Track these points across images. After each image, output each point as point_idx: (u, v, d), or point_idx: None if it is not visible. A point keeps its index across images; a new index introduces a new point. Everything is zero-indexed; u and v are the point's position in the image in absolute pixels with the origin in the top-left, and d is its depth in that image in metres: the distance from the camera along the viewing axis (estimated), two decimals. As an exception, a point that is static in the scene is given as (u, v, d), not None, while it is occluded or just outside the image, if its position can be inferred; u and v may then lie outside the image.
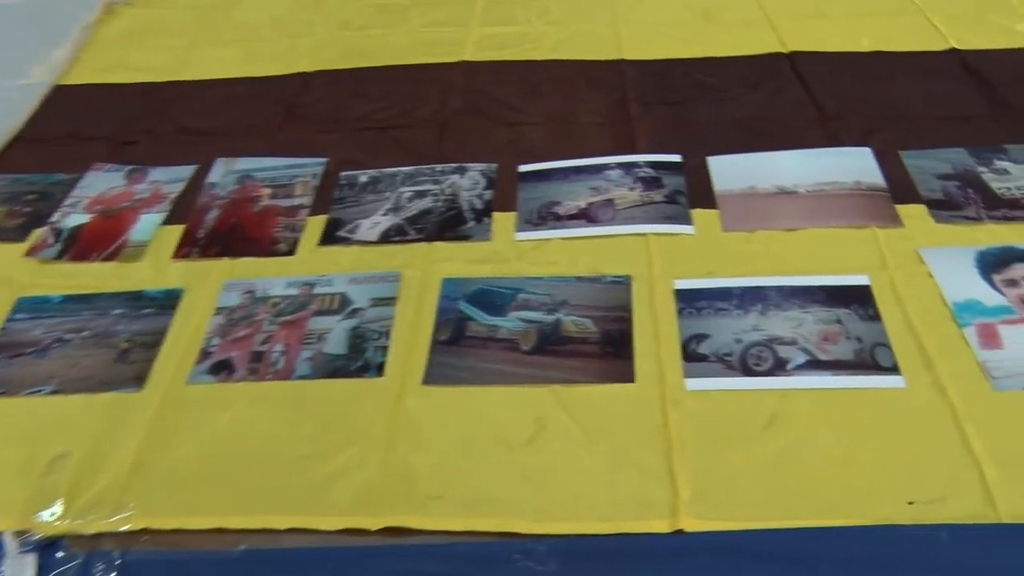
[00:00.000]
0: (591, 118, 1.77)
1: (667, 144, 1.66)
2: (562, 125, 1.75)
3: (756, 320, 1.29)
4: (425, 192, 1.58)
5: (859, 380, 1.20)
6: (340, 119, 1.81)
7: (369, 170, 1.65)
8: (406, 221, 1.53)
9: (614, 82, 1.87)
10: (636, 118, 1.75)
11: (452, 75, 1.92)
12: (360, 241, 1.49)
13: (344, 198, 1.59)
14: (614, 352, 1.26)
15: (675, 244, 1.44)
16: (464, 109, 1.81)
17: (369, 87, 1.90)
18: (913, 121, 1.71)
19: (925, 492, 1.06)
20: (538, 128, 1.74)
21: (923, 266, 1.37)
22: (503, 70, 1.94)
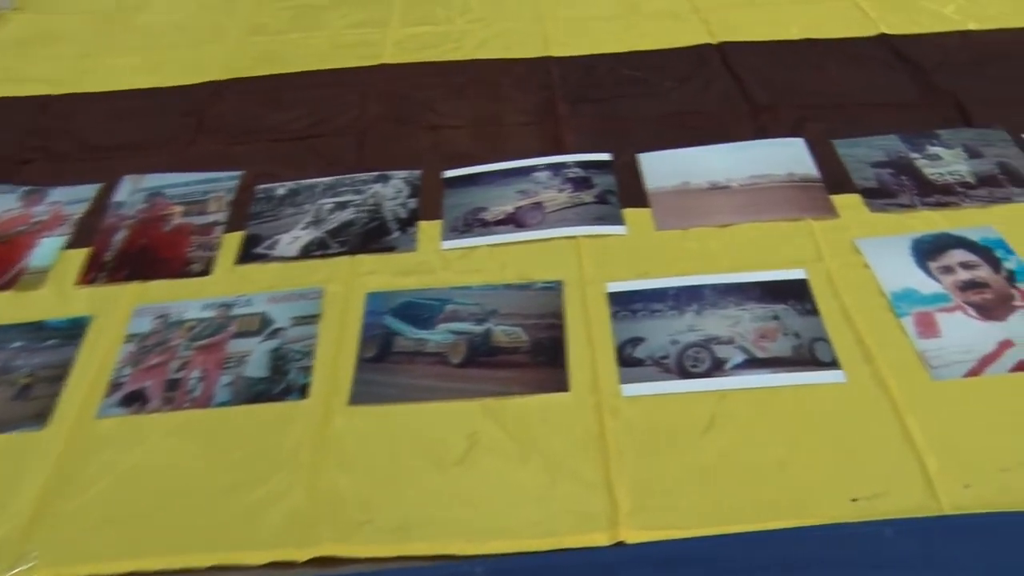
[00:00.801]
0: (517, 118, 1.77)
1: (596, 142, 1.67)
2: (488, 127, 1.75)
3: (692, 320, 1.30)
4: (346, 203, 1.57)
5: (798, 377, 1.21)
6: (255, 129, 1.78)
7: (287, 182, 1.63)
8: (327, 234, 1.51)
9: (540, 80, 1.88)
10: (564, 117, 1.76)
11: (372, 79, 1.91)
12: (279, 257, 1.47)
13: (261, 213, 1.57)
14: (547, 361, 1.26)
15: (607, 246, 1.45)
16: (385, 114, 1.80)
17: (285, 95, 1.88)
18: (845, 109, 1.75)
19: (868, 488, 1.08)
20: (463, 131, 1.75)
21: (859, 257, 1.40)
22: (425, 72, 1.94)
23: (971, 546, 1.01)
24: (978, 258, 1.38)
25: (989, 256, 1.38)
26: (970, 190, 1.52)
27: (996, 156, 1.59)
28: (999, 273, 1.35)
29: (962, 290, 1.33)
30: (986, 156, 1.59)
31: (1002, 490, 1.06)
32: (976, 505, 1.04)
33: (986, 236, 1.42)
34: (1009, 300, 1.30)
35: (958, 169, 1.57)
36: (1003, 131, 1.64)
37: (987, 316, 1.28)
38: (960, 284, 1.34)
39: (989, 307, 1.30)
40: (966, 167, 1.57)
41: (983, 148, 1.61)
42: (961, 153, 1.61)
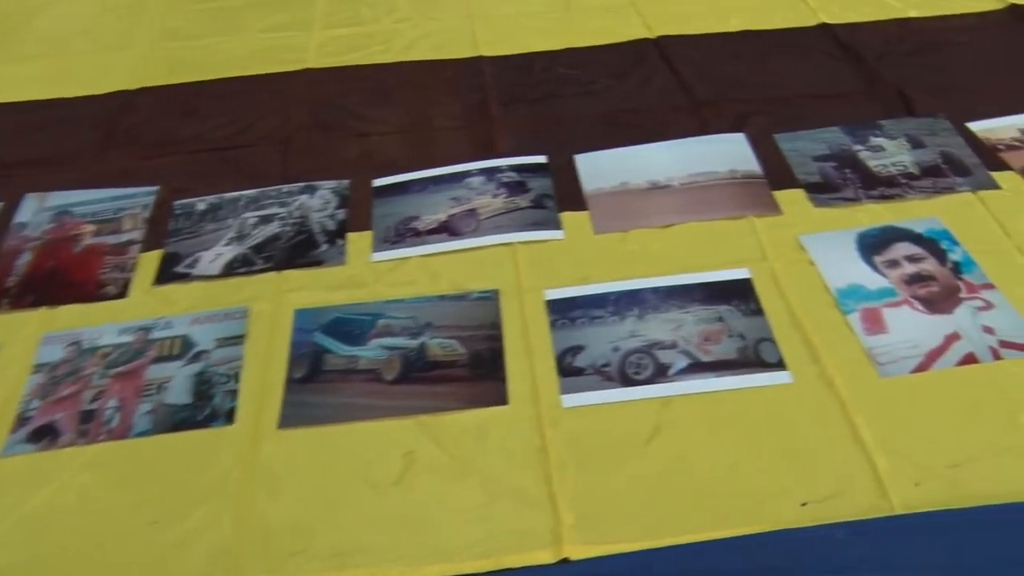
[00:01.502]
0: (449, 122, 1.79)
1: (531, 145, 1.69)
2: (418, 132, 1.76)
3: (634, 326, 1.32)
4: (271, 217, 1.56)
5: (744, 379, 1.24)
6: (171, 141, 1.77)
7: (207, 196, 1.62)
8: (252, 250, 1.50)
9: (472, 82, 1.90)
10: (497, 119, 1.78)
11: (295, 85, 1.91)
12: (201, 276, 1.46)
13: (180, 230, 1.55)
14: (485, 374, 1.27)
15: (544, 252, 1.46)
16: (310, 122, 1.80)
17: (202, 103, 1.87)
18: (787, 102, 1.80)
19: (818, 491, 1.10)
20: (392, 137, 1.75)
21: (804, 253, 1.43)
22: (351, 76, 1.94)
23: (923, 545, 1.04)
24: (923, 251, 1.43)
25: (934, 248, 1.43)
26: (914, 181, 1.57)
27: (939, 146, 1.64)
28: (945, 265, 1.40)
29: (908, 284, 1.37)
30: (929, 146, 1.64)
31: (952, 486, 1.09)
32: (927, 503, 1.08)
33: (931, 228, 1.46)
34: (955, 292, 1.35)
35: (902, 160, 1.62)
36: (945, 120, 1.70)
37: (933, 309, 1.32)
38: (906, 278, 1.38)
39: (935, 300, 1.34)
40: (909, 158, 1.62)
41: (926, 138, 1.67)
42: (904, 144, 1.66)
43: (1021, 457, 1.12)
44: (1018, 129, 1.67)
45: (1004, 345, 1.26)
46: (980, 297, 1.34)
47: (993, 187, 1.54)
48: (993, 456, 1.12)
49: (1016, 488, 1.08)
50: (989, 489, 1.08)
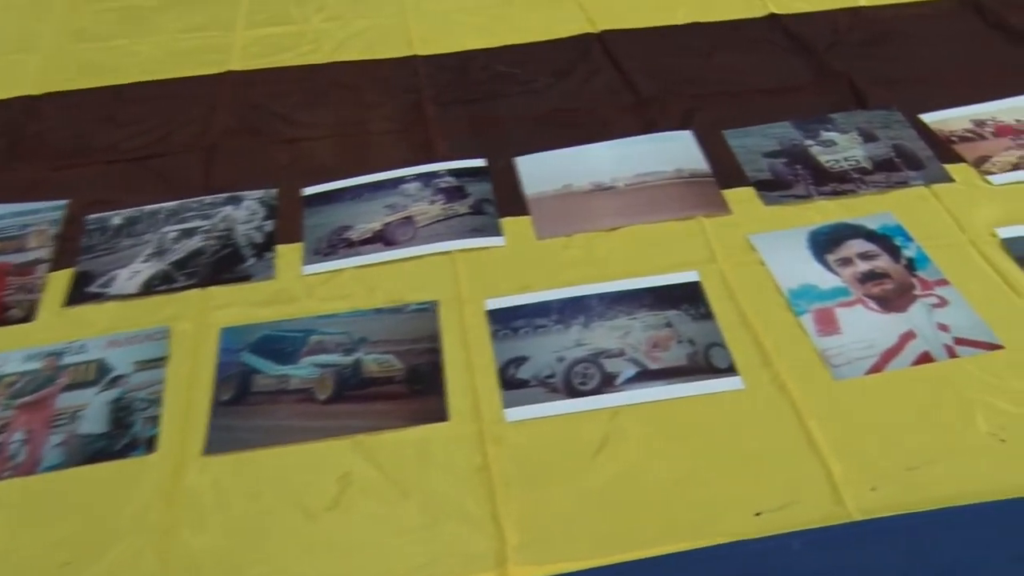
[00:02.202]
0: (383, 126, 1.79)
1: (470, 147, 1.71)
2: (350, 137, 1.77)
3: (579, 334, 1.34)
4: (193, 230, 1.55)
5: (694, 386, 1.26)
6: (82, 151, 1.75)
7: (123, 210, 1.60)
8: (173, 266, 1.49)
9: (407, 83, 1.90)
10: (433, 121, 1.79)
11: (218, 88, 1.90)
12: (118, 295, 1.45)
13: (94, 246, 1.54)
14: (423, 389, 1.27)
15: (484, 259, 1.48)
16: (235, 128, 1.79)
17: (117, 110, 1.85)
18: (736, 97, 1.83)
19: (773, 499, 1.12)
20: (323, 143, 1.75)
21: (754, 254, 1.46)
22: (278, 78, 1.93)
23: (880, 552, 1.07)
24: (877, 247, 1.46)
25: (888, 245, 1.47)
26: (866, 176, 1.61)
27: (892, 139, 1.69)
28: (899, 262, 1.43)
29: (861, 282, 1.40)
30: (881, 139, 1.69)
31: (909, 489, 1.12)
32: (883, 508, 1.10)
33: (884, 224, 1.50)
34: (909, 290, 1.39)
35: (854, 154, 1.66)
36: (898, 112, 1.75)
37: (888, 308, 1.36)
38: (859, 276, 1.41)
39: (890, 298, 1.38)
40: (862, 152, 1.66)
41: (878, 131, 1.71)
42: (856, 137, 1.70)
43: (977, 457, 1.15)
44: (971, 120, 1.72)
45: (959, 343, 1.29)
46: (934, 294, 1.37)
47: (946, 180, 1.58)
48: (949, 457, 1.15)
49: (973, 488, 1.11)
50: (946, 491, 1.11)
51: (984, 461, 1.14)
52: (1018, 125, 1.70)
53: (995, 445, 1.16)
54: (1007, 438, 1.16)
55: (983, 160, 1.62)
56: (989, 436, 1.17)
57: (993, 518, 1.08)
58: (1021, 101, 1.75)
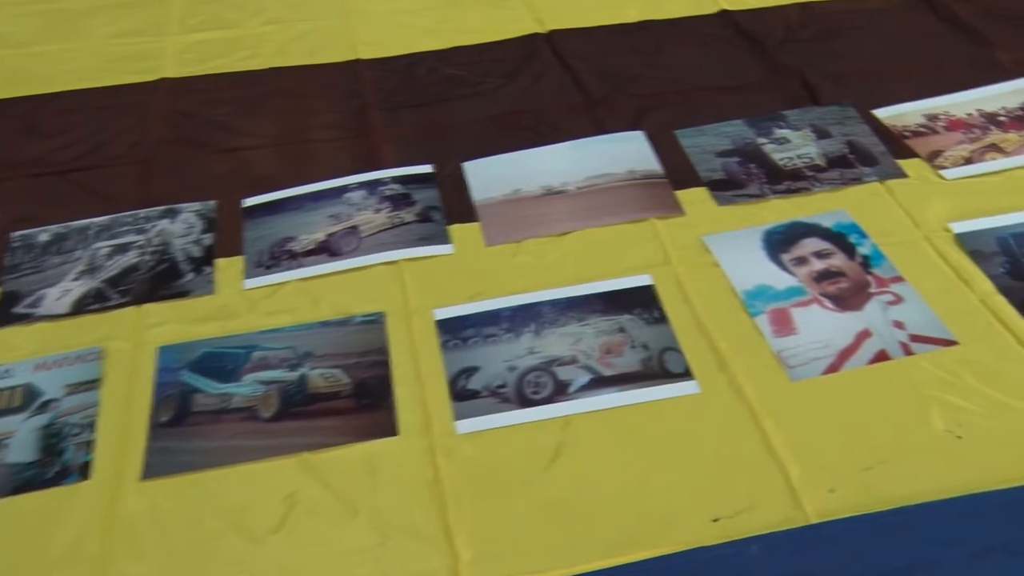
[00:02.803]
0: (326, 133, 1.80)
1: (416, 153, 1.72)
2: (292, 145, 1.77)
3: (530, 342, 1.35)
4: (127, 245, 1.55)
5: (649, 392, 1.28)
6: (7, 164, 1.74)
7: (51, 226, 1.59)
8: (106, 284, 1.48)
9: (350, 87, 1.91)
10: (378, 127, 1.80)
11: (152, 97, 1.89)
12: (46, 316, 1.44)
13: (19, 265, 1.53)
14: (372, 404, 1.28)
15: (432, 268, 1.49)
16: (170, 138, 1.79)
17: (43, 120, 1.84)
18: (688, 95, 1.87)
19: (730, 505, 1.15)
20: (264, 152, 1.76)
21: (708, 255, 1.49)
22: (216, 85, 1.93)
23: (838, 555, 1.09)
24: (832, 245, 1.50)
25: (843, 242, 1.50)
26: (820, 173, 1.64)
27: (845, 135, 1.73)
28: (854, 259, 1.47)
29: (817, 281, 1.43)
30: (835, 136, 1.73)
31: (866, 491, 1.15)
32: (841, 510, 1.13)
33: (839, 221, 1.54)
34: (865, 288, 1.42)
35: (807, 152, 1.69)
36: (851, 108, 1.79)
37: (844, 307, 1.39)
38: (815, 275, 1.44)
39: (845, 297, 1.41)
40: (815, 149, 1.70)
41: (832, 127, 1.75)
42: (809, 134, 1.74)
43: (934, 455, 1.18)
44: (923, 115, 1.77)
45: (915, 339, 1.33)
46: (890, 291, 1.41)
47: (900, 176, 1.63)
48: (906, 456, 1.18)
49: (930, 487, 1.14)
50: (904, 490, 1.14)
51: (941, 459, 1.17)
52: (970, 119, 1.74)
53: (952, 442, 1.19)
54: (963, 435, 1.20)
55: (936, 155, 1.66)
56: (945, 433, 1.20)
57: (951, 516, 1.11)
58: (973, 95, 1.80)
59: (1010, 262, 1.43)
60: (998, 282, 1.40)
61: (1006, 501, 1.11)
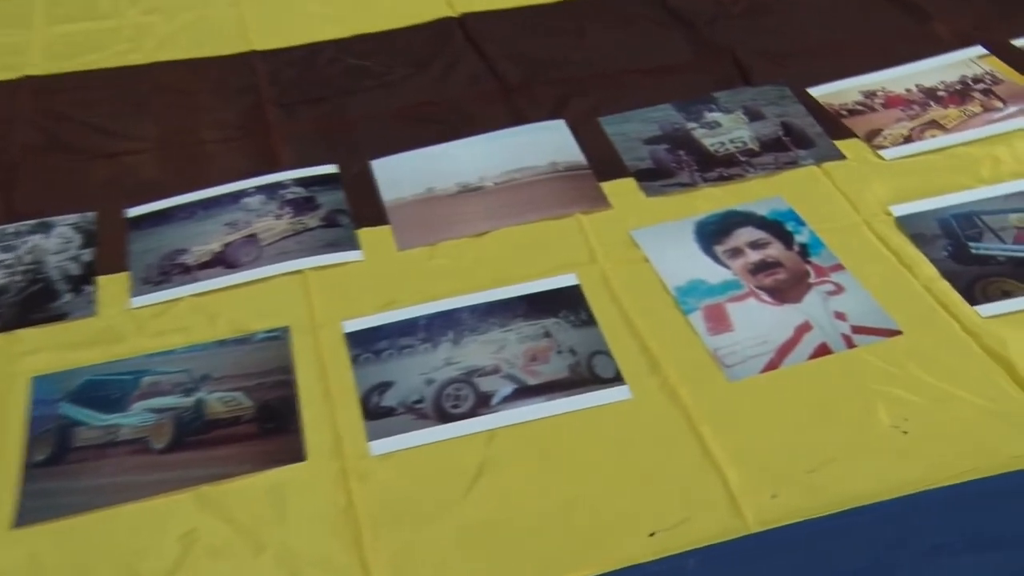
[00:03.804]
0: (218, 133, 1.79)
1: (319, 153, 1.72)
2: (181, 148, 1.76)
3: (449, 352, 1.36)
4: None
5: (578, 400, 1.30)
6: None
7: (-94, 248, 1.56)
8: (-29, 309, 1.46)
9: (244, 82, 1.91)
10: (276, 125, 1.79)
11: (15, 98, 1.87)
12: (-99, 348, 1.41)
13: None
14: (276, 428, 1.28)
15: (340, 277, 1.49)
16: (38, 143, 1.77)
17: None
18: (611, 80, 1.89)
19: (667, 517, 1.16)
20: (148, 156, 1.75)
21: (637, 251, 1.51)
22: (90, 83, 1.91)
23: (781, 564, 1.11)
24: (768, 235, 1.53)
25: (780, 231, 1.54)
26: (754, 158, 1.68)
27: (779, 116, 1.77)
28: (791, 249, 1.50)
29: (753, 273, 1.47)
30: (768, 117, 1.77)
31: (810, 494, 1.17)
32: (784, 516, 1.15)
33: (775, 209, 1.57)
34: (804, 278, 1.45)
35: (740, 135, 1.73)
36: (785, 87, 1.83)
37: (782, 299, 1.42)
38: (750, 267, 1.48)
39: (783, 289, 1.44)
40: (748, 132, 1.74)
41: (765, 108, 1.79)
42: (742, 117, 1.77)
43: (880, 453, 1.21)
44: (860, 92, 1.82)
45: (856, 331, 1.36)
46: (830, 280, 1.45)
47: (838, 157, 1.67)
48: (851, 455, 1.21)
49: (877, 486, 1.17)
50: (849, 491, 1.17)
51: (887, 456, 1.21)
52: (908, 95, 1.80)
53: (898, 438, 1.23)
54: (910, 430, 1.23)
55: (874, 134, 1.71)
56: (891, 429, 1.24)
57: (899, 516, 1.14)
58: (911, 69, 1.86)
59: (953, 245, 1.48)
60: (941, 266, 1.44)
61: (954, 497, 1.15)
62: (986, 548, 1.10)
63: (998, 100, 1.76)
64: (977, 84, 1.81)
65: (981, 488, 1.15)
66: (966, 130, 1.70)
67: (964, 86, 1.81)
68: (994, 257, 1.45)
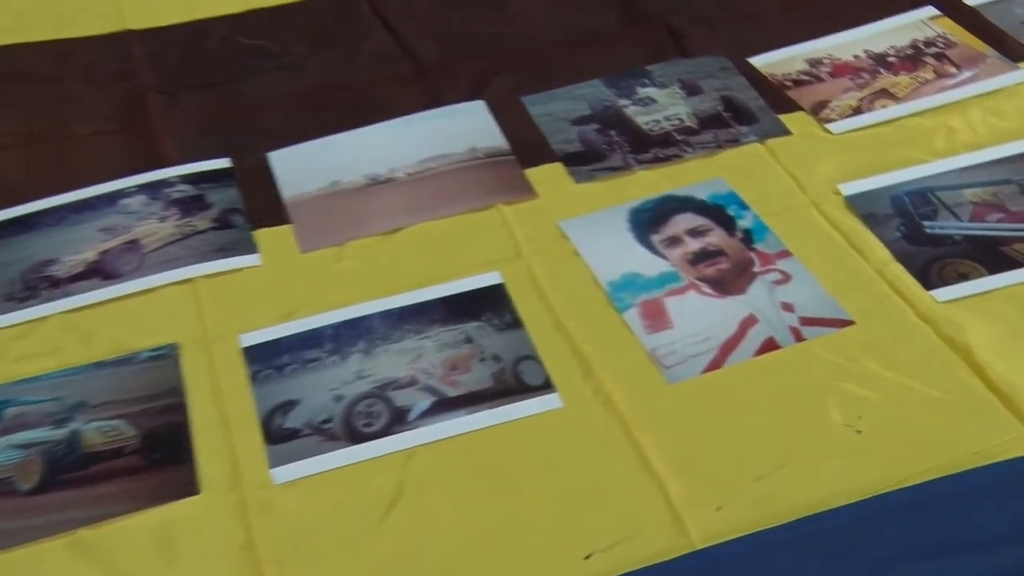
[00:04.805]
0: (90, 126, 1.77)
1: (209, 145, 1.71)
2: (46, 143, 1.74)
3: (360, 364, 1.35)
4: None
5: (504, 411, 1.30)
6: None
7: None
8: None
9: (119, 67, 1.89)
10: (158, 115, 1.78)
11: None
12: None
13: None
14: (165, 458, 1.26)
15: (236, 284, 1.48)
16: None
17: None
18: (536, 55, 1.91)
19: (604, 537, 1.16)
20: (8, 154, 1.73)
21: (567, 243, 1.52)
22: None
23: (727, 582, 1.13)
24: (709, 221, 1.54)
25: (721, 216, 1.55)
26: (692, 137, 1.70)
27: (718, 90, 1.78)
28: (734, 235, 1.52)
29: (693, 264, 1.48)
30: (707, 91, 1.78)
31: (758, 504, 1.18)
32: (731, 529, 1.16)
33: (716, 192, 1.59)
34: (748, 267, 1.47)
35: (676, 112, 1.74)
36: (724, 58, 1.85)
37: (725, 291, 1.43)
38: (690, 257, 1.49)
39: (726, 279, 1.45)
40: (685, 108, 1.75)
41: (703, 81, 1.80)
42: (678, 91, 1.79)
43: (833, 455, 1.22)
44: (805, 60, 1.84)
45: (805, 323, 1.38)
46: (776, 268, 1.46)
47: (783, 133, 1.69)
48: (802, 459, 1.22)
49: (829, 492, 1.18)
50: (801, 499, 1.18)
51: (840, 458, 1.22)
52: (857, 62, 1.82)
53: (851, 438, 1.24)
54: (863, 428, 1.25)
55: (821, 106, 1.73)
56: (844, 428, 1.25)
57: (856, 523, 1.15)
58: (859, 33, 1.89)
59: (906, 224, 1.50)
60: (895, 248, 1.46)
61: (913, 499, 1.16)
62: (950, 554, 1.12)
63: (951, 65, 1.79)
64: (929, 48, 1.84)
65: (942, 489, 1.17)
66: (918, 99, 1.73)
67: (915, 50, 1.84)
68: (950, 236, 1.48)
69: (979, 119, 1.68)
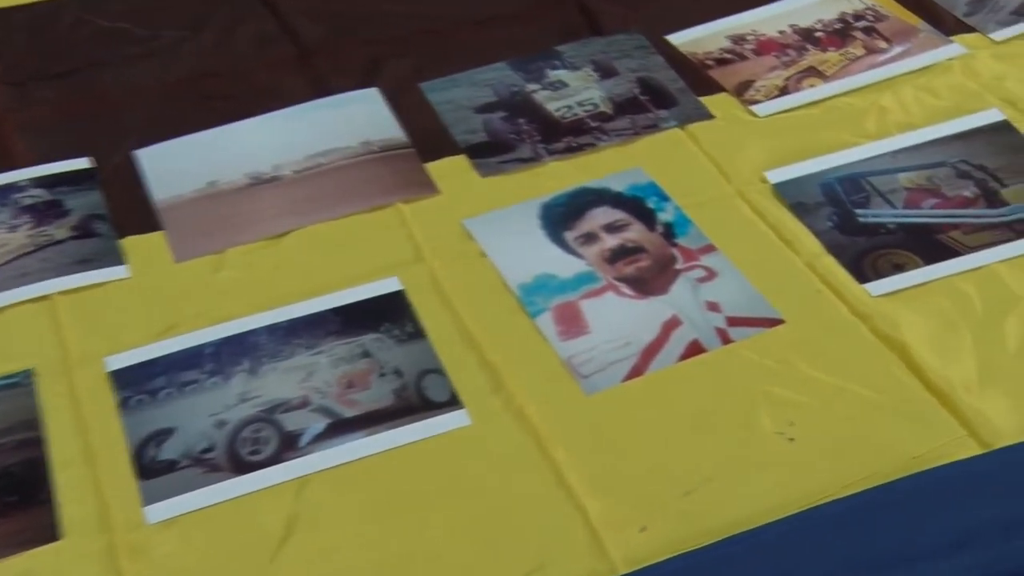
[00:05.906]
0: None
1: (65, 143, 1.70)
2: None
3: (244, 385, 1.35)
4: None
5: (406, 431, 1.30)
6: None
7: None
8: None
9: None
10: (5, 110, 1.77)
11: None
12: None
13: None
14: (21, 501, 1.25)
15: (100, 300, 1.47)
16: None
17: None
18: (433, 36, 1.93)
19: (519, 566, 1.18)
20: None
21: (472, 244, 1.53)
22: None
23: (651, 609, 1.15)
24: (627, 215, 1.57)
25: (640, 209, 1.58)
26: (607, 123, 1.73)
27: (634, 71, 1.82)
28: (654, 230, 1.54)
29: (611, 262, 1.50)
30: (622, 73, 1.81)
31: (685, 521, 1.20)
32: (657, 551, 1.17)
33: (634, 183, 1.61)
34: (670, 264, 1.49)
35: (589, 97, 1.77)
36: (640, 35, 1.88)
37: (645, 291, 1.46)
38: (607, 254, 1.51)
39: (646, 278, 1.48)
40: (599, 92, 1.77)
41: (618, 62, 1.83)
42: (591, 74, 1.81)
43: (764, 465, 1.25)
44: (727, 37, 1.88)
45: (732, 323, 1.41)
46: (700, 265, 1.49)
47: (704, 117, 1.73)
48: (731, 472, 1.25)
49: (762, 505, 1.20)
50: (731, 514, 1.20)
51: (772, 469, 1.25)
52: (782, 37, 1.87)
53: (783, 447, 1.27)
54: (796, 436, 1.28)
55: (745, 86, 1.77)
56: (776, 437, 1.28)
57: (790, 539, 1.18)
58: (784, 7, 1.94)
59: (838, 213, 1.54)
60: (825, 239, 1.50)
61: (849, 510, 1.19)
62: (890, 566, 1.14)
63: (882, 40, 1.84)
64: (858, 21, 1.89)
65: (879, 497, 1.20)
66: (848, 76, 1.78)
67: (844, 24, 1.89)
68: (884, 225, 1.52)
69: (911, 97, 1.73)
